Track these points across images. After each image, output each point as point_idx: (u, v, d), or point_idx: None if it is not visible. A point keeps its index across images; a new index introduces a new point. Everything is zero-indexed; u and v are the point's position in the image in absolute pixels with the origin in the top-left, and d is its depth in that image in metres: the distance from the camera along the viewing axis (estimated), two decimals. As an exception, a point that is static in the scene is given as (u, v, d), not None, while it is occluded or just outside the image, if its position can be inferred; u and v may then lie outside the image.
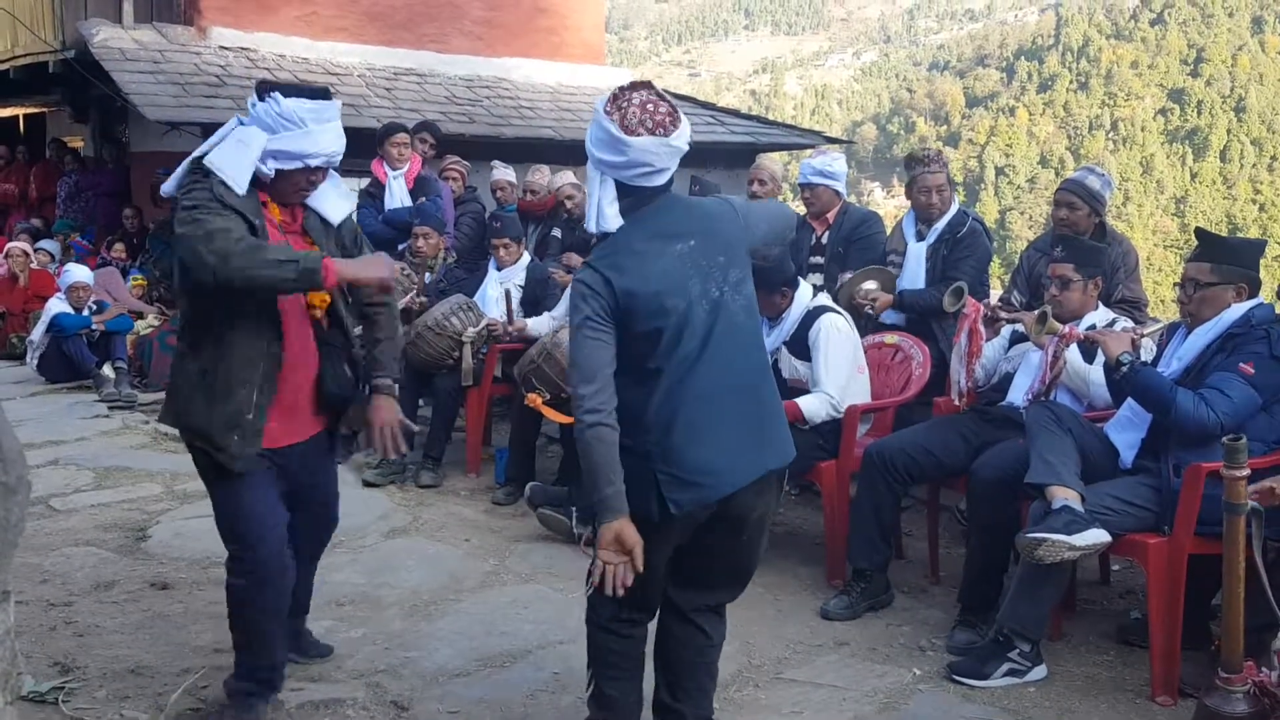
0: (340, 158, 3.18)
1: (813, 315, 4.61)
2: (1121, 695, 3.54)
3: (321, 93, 3.16)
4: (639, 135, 2.70)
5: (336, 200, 3.31)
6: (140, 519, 5.09)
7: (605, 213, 2.79)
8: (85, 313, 8.19)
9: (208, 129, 8.55)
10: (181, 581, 4.34)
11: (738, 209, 2.91)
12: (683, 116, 2.79)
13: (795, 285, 4.67)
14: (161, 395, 7.80)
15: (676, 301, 2.70)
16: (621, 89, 2.80)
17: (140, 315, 8.91)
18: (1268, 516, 3.51)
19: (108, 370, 7.91)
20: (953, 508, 5.07)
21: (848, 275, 5.44)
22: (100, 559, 4.58)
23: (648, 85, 2.82)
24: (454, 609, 4.20)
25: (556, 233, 7.43)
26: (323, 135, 3.09)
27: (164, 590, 4.26)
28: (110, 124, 11.51)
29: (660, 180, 2.78)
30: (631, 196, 2.79)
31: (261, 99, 3.08)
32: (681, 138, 2.76)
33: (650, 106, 2.74)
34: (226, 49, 9.58)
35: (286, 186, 3.14)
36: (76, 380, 8.01)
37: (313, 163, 3.11)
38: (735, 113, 13.01)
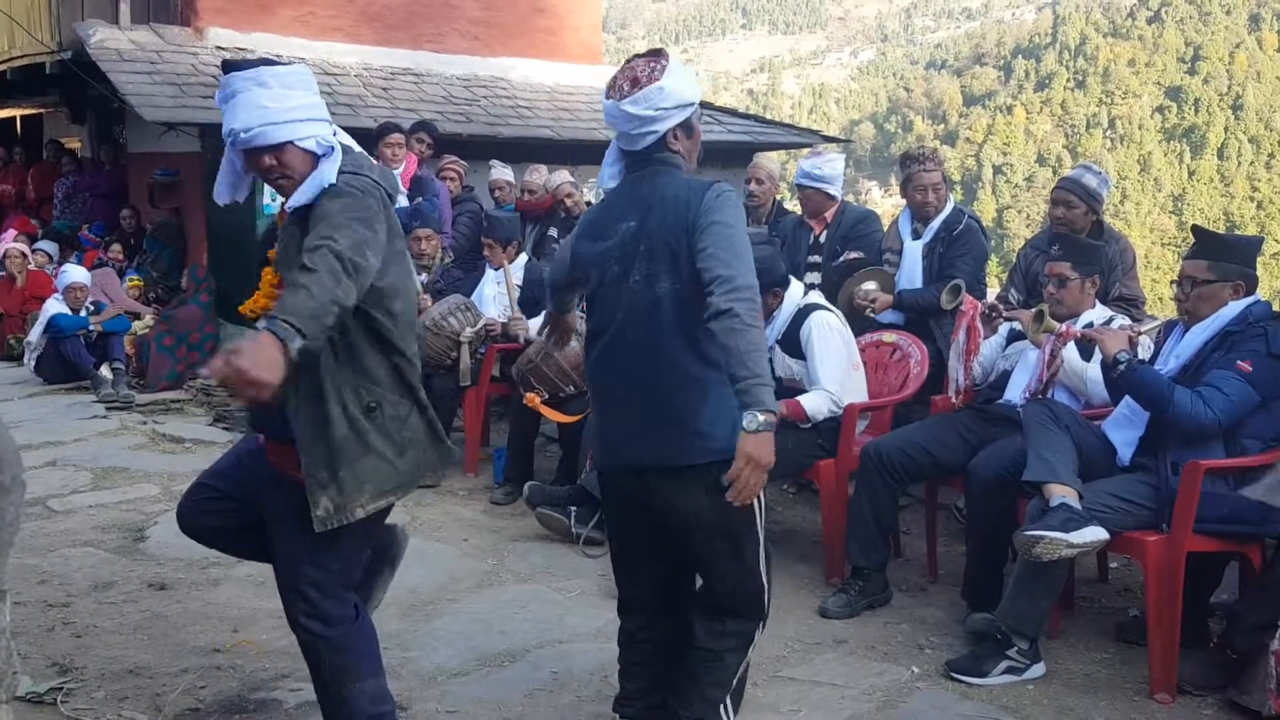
0: (249, 135, 2.67)
1: (803, 313, 4.60)
2: (1120, 693, 3.54)
3: (235, 65, 2.74)
4: (608, 99, 2.79)
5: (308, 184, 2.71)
6: (138, 520, 5.08)
7: (603, 171, 2.93)
8: (83, 313, 8.19)
9: (205, 129, 8.56)
10: (179, 582, 4.33)
11: (700, 207, 2.70)
12: (652, 83, 2.73)
13: (786, 285, 4.67)
14: (159, 396, 7.88)
15: (597, 276, 2.85)
16: (638, 55, 2.83)
17: (138, 316, 8.91)
18: (1265, 516, 3.53)
19: (105, 371, 7.91)
20: (951, 506, 5.07)
21: (851, 254, 5.50)
22: (98, 560, 4.57)
23: (652, 54, 2.81)
24: (452, 609, 4.19)
25: (554, 232, 7.43)
26: (232, 108, 2.70)
27: (162, 591, 4.25)
28: (107, 125, 11.50)
29: (632, 145, 2.82)
30: (622, 160, 2.89)
31: None
32: (637, 104, 2.73)
33: (627, 72, 2.78)
34: (223, 49, 9.55)
35: (262, 176, 2.80)
36: (74, 381, 8.01)
37: (231, 140, 2.72)
38: (733, 112, 13.00)
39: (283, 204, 2.79)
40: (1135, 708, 3.45)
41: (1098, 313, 4.28)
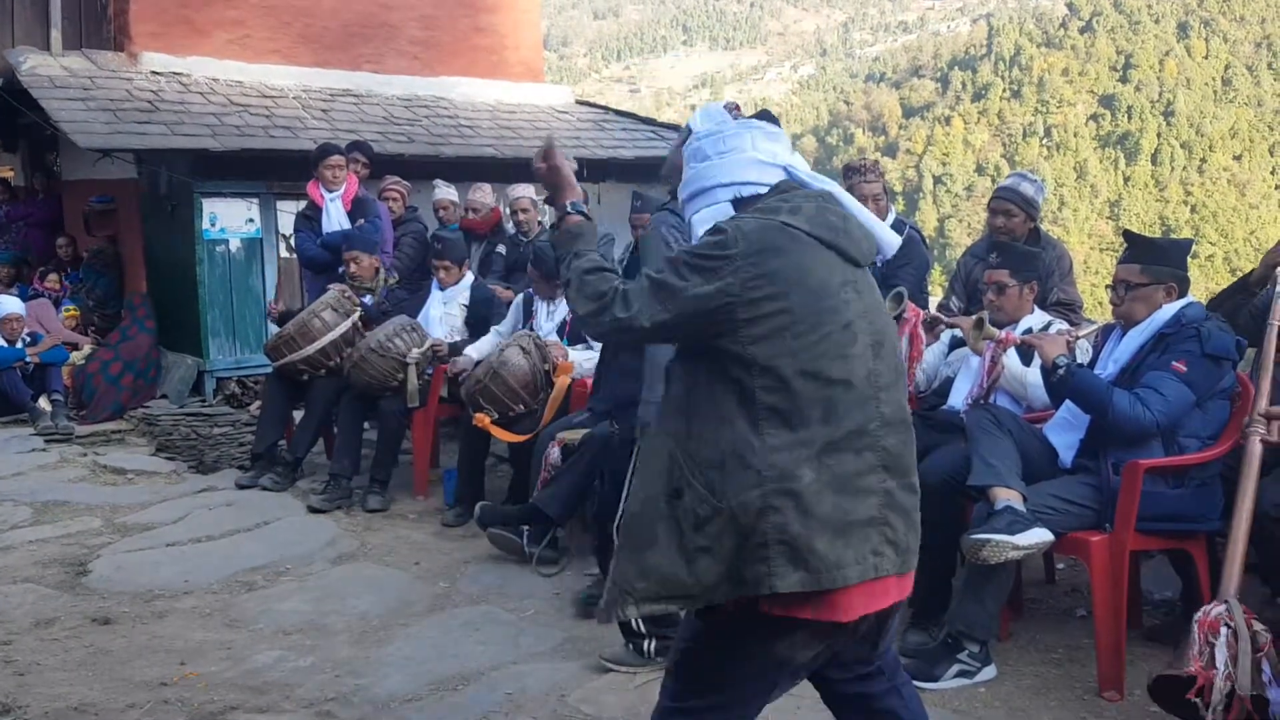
0: None
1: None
2: (1070, 693, 3.59)
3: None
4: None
5: None
6: (80, 554, 4.98)
7: None
8: (19, 345, 8.04)
9: (140, 155, 8.43)
10: (123, 616, 4.25)
11: None
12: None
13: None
14: (100, 427, 7.74)
15: None
16: None
17: (75, 346, 8.75)
18: (1204, 512, 3.60)
19: (43, 403, 7.76)
20: (900, 513, 5.10)
21: None
22: (40, 596, 4.47)
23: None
24: (404, 633, 4.15)
25: (501, 249, 7.41)
26: None
27: (106, 625, 4.17)
28: (40, 153, 11.31)
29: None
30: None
31: None
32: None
33: None
34: (158, 74, 9.43)
35: None
36: (12, 414, 7.85)
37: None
38: (675, 127, 13.06)
39: None
40: (1085, 706, 3.49)
41: (1036, 318, 4.34)
